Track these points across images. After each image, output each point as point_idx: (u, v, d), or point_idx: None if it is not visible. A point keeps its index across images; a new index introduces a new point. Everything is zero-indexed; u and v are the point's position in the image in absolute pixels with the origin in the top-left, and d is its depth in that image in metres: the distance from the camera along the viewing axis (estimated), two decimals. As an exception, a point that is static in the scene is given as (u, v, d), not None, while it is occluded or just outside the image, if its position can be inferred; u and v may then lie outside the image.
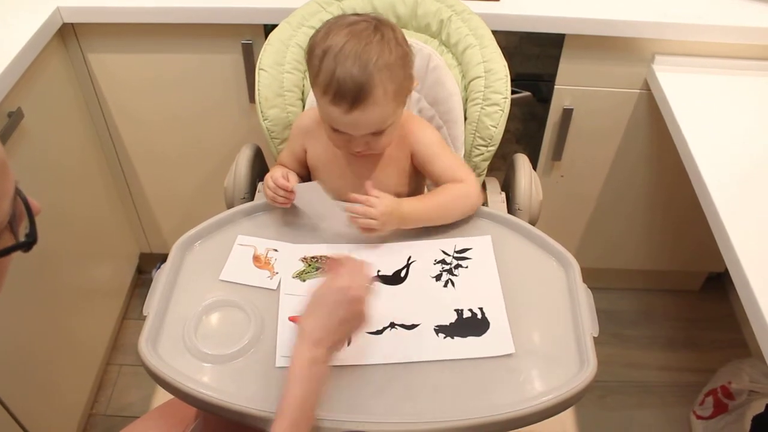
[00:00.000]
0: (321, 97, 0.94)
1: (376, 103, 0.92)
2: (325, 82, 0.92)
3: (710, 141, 1.20)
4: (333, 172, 1.11)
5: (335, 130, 0.98)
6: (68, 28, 1.40)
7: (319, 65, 0.92)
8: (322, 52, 0.93)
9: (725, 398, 1.55)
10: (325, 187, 1.02)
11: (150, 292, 0.94)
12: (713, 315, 1.93)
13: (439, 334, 0.90)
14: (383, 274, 0.98)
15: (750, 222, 1.03)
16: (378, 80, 0.91)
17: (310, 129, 1.10)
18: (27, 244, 0.54)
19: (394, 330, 0.90)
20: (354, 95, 0.91)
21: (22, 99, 1.25)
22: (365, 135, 0.97)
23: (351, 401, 0.83)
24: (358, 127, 0.95)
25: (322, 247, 1.02)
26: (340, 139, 1.00)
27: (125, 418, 1.63)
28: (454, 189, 1.06)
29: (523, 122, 1.54)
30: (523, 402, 0.81)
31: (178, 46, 1.43)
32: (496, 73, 1.16)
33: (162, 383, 0.85)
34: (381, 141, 1.00)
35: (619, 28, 1.36)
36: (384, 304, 0.92)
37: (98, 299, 1.69)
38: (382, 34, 0.94)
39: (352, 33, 0.92)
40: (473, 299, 0.94)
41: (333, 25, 0.95)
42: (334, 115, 0.94)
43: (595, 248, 1.81)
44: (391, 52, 0.93)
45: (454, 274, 0.98)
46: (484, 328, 0.90)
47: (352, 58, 0.90)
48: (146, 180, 1.70)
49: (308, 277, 0.97)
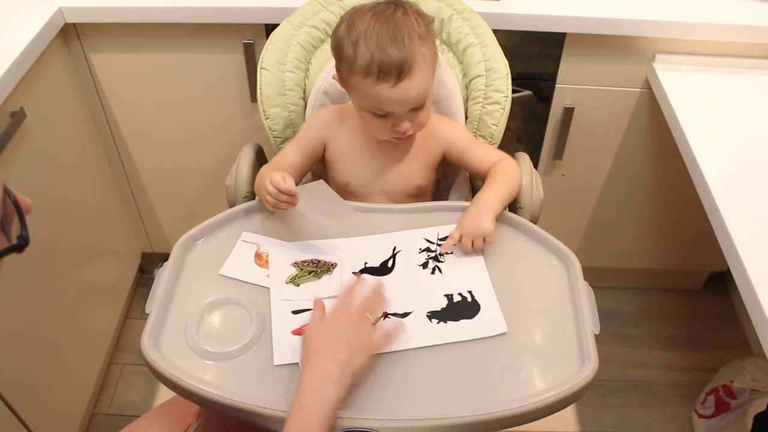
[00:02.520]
0: (363, 81, 0.96)
1: (420, 70, 0.95)
2: (366, 63, 0.94)
3: (711, 139, 1.20)
4: (358, 164, 1.13)
5: (378, 116, 1.00)
6: (70, 28, 1.40)
7: (354, 52, 0.95)
8: (353, 42, 0.95)
9: (727, 397, 1.55)
10: (335, 185, 1.04)
11: (152, 290, 0.95)
12: (715, 314, 1.93)
13: (432, 320, 0.91)
14: (371, 266, 0.98)
15: (752, 220, 1.03)
16: (417, 48, 0.94)
17: (332, 123, 1.12)
18: (18, 246, 0.53)
19: (388, 320, 0.91)
20: (399, 66, 0.93)
21: (25, 99, 1.26)
22: (407, 113, 1.00)
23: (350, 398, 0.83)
24: (406, 99, 0.97)
25: (312, 246, 1.02)
26: (383, 125, 1.02)
27: (127, 417, 1.63)
28: (499, 169, 1.09)
29: (523, 121, 1.54)
30: (525, 399, 0.81)
31: (180, 45, 1.43)
32: (497, 71, 1.16)
33: (164, 381, 0.85)
34: (421, 116, 1.02)
35: (620, 26, 1.36)
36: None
37: (100, 298, 1.69)
38: (404, 8, 0.98)
39: (376, 15, 0.96)
40: (461, 283, 0.96)
41: (353, 15, 0.98)
42: (380, 93, 0.96)
43: (596, 247, 1.81)
44: (419, 23, 0.97)
45: (440, 260, 1.00)
46: (475, 310, 0.92)
47: (386, 34, 0.94)
48: (148, 179, 1.70)
49: (302, 281, 0.96)
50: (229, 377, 0.85)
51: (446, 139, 1.12)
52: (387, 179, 1.13)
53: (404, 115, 1.00)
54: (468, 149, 1.12)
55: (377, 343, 0.85)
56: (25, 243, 0.53)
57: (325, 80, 1.18)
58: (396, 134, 1.03)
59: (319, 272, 0.98)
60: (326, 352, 0.80)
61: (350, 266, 0.99)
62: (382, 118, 1.01)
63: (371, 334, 0.84)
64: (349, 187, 1.14)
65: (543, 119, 1.54)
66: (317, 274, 0.97)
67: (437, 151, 1.14)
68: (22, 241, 0.53)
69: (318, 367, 0.78)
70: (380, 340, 0.85)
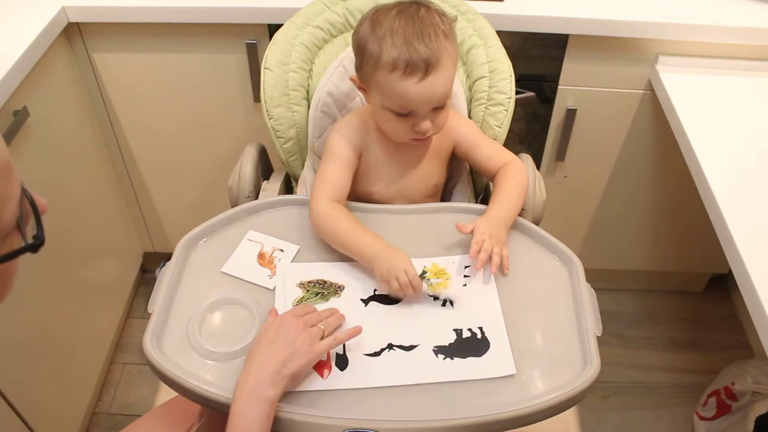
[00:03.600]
0: (389, 76, 0.95)
1: (446, 66, 0.95)
2: (392, 57, 0.94)
3: (714, 141, 1.20)
4: (382, 171, 1.12)
5: (399, 115, 0.99)
6: (73, 28, 1.40)
7: (380, 48, 0.95)
8: (378, 38, 0.95)
9: (728, 399, 1.54)
10: (356, 194, 1.07)
11: (154, 289, 0.95)
12: (716, 316, 1.93)
13: (438, 355, 0.87)
14: (380, 293, 0.96)
15: (753, 223, 1.03)
16: (443, 45, 0.94)
17: (363, 132, 1.09)
18: (34, 246, 0.54)
19: (393, 351, 0.88)
20: (426, 61, 0.93)
21: (28, 98, 1.26)
22: (429, 113, 0.99)
23: (352, 399, 0.83)
24: (431, 96, 0.96)
25: (317, 267, 1.00)
26: (403, 126, 1.01)
27: (128, 417, 1.63)
28: (510, 175, 1.09)
29: (526, 123, 1.54)
30: (526, 401, 0.81)
31: (183, 45, 1.44)
32: (500, 73, 1.16)
33: (166, 380, 0.85)
34: (441, 117, 1.01)
35: (622, 28, 1.36)
36: (382, 324, 0.91)
37: (102, 298, 1.69)
38: (427, 6, 0.98)
39: (400, 12, 0.96)
40: (472, 318, 0.92)
41: (376, 14, 0.98)
42: (407, 88, 0.95)
43: (599, 249, 1.81)
44: (443, 20, 0.97)
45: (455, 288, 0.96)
46: (485, 348, 0.88)
47: (412, 30, 0.94)
48: (150, 178, 1.71)
49: (309, 303, 0.94)
50: (231, 377, 0.84)
51: (456, 133, 1.12)
52: (407, 183, 1.13)
53: (426, 115, 0.99)
54: (476, 144, 1.12)
55: (321, 348, 0.84)
56: (40, 243, 0.54)
57: (329, 80, 1.18)
58: (417, 135, 1.02)
59: (326, 294, 0.96)
60: (263, 354, 0.81)
61: (358, 291, 0.96)
62: (404, 118, 0.99)
63: (315, 340, 0.84)
64: (373, 196, 1.13)
65: (545, 120, 1.54)
66: (324, 296, 0.95)
67: (448, 147, 1.14)
68: (38, 241, 0.54)
69: (251, 370, 0.80)
70: (327, 344, 0.84)
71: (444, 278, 0.96)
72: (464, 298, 0.95)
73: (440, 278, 0.96)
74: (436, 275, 0.96)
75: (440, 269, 0.98)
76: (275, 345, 0.82)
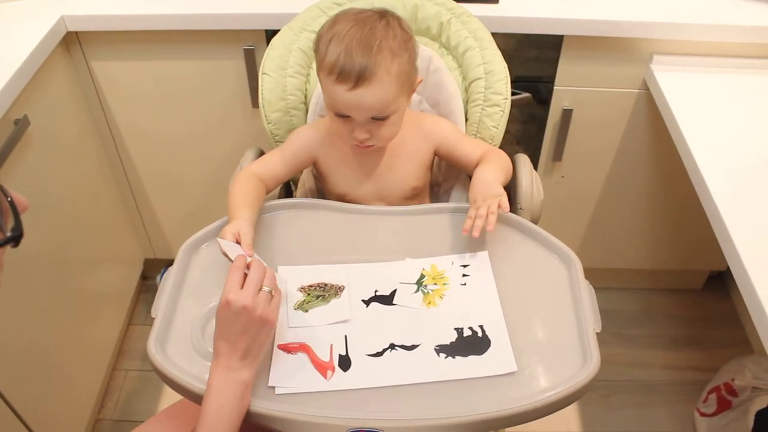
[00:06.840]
0: (326, 79, 0.97)
1: (380, 81, 0.95)
2: (331, 61, 0.95)
3: (709, 139, 1.21)
4: (349, 173, 1.13)
5: (339, 116, 1.00)
6: (72, 37, 1.41)
7: (325, 50, 0.96)
8: (328, 38, 0.96)
9: (728, 395, 1.55)
10: (331, 196, 1.05)
11: (158, 294, 0.95)
12: (715, 313, 1.93)
13: (440, 354, 0.88)
14: (380, 294, 0.96)
15: (751, 219, 1.03)
16: (381, 59, 0.94)
17: (320, 139, 1.13)
18: (14, 238, 0.55)
19: (395, 351, 0.88)
20: (358, 72, 0.94)
21: (28, 107, 1.27)
22: (367, 122, 0.99)
23: (355, 399, 0.84)
24: (362, 107, 0.97)
25: (316, 270, 1.00)
26: (344, 127, 1.02)
27: (131, 423, 1.63)
28: (491, 156, 1.10)
29: (523, 123, 1.55)
30: (527, 397, 0.82)
31: (181, 52, 1.44)
32: (496, 74, 1.17)
33: (170, 384, 0.85)
34: (383, 131, 1.02)
35: (617, 28, 1.37)
36: (383, 325, 0.92)
37: (103, 305, 1.70)
38: (387, 20, 0.98)
39: (357, 20, 0.97)
40: (473, 317, 0.92)
41: (340, 15, 1.00)
42: (338, 94, 0.96)
43: (597, 248, 1.82)
44: (395, 36, 0.97)
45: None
46: (485, 346, 0.89)
47: (357, 39, 0.95)
48: (150, 186, 1.71)
49: (310, 306, 0.94)
50: (235, 379, 0.85)
51: (435, 137, 1.13)
52: (381, 185, 1.14)
53: (364, 124, 1.00)
54: (457, 142, 1.13)
55: (275, 315, 0.83)
56: (19, 234, 0.55)
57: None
58: (355, 141, 1.03)
59: (327, 296, 0.96)
60: (225, 347, 0.81)
61: (358, 292, 0.96)
62: (344, 120, 1.01)
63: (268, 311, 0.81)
64: (346, 197, 1.15)
65: (542, 121, 1.55)
66: (325, 298, 0.96)
67: (428, 150, 1.14)
68: (17, 232, 0.55)
69: (220, 365, 0.80)
70: (276, 304, 0.83)
71: (441, 284, 0.97)
72: (464, 297, 0.96)
73: (437, 284, 0.97)
74: (434, 280, 0.97)
75: (438, 272, 0.99)
76: (233, 335, 0.80)
